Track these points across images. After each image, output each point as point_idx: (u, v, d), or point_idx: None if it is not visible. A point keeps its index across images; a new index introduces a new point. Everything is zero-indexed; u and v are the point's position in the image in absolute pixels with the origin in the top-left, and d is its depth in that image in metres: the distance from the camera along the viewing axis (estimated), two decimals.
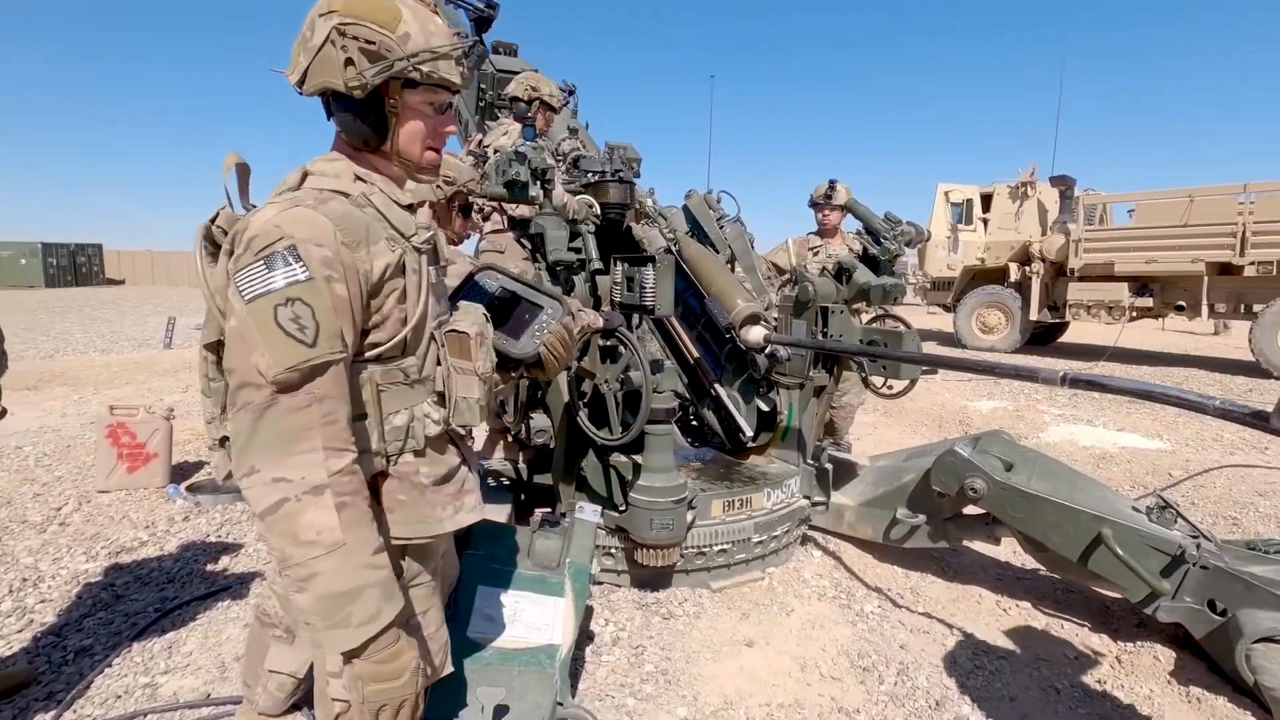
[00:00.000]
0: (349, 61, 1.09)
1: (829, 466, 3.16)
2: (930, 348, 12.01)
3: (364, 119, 1.15)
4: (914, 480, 2.99)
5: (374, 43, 1.09)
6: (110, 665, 2.29)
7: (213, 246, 1.10)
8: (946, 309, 12.65)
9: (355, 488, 1.02)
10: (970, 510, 2.89)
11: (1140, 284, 10.13)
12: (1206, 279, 9.48)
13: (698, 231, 3.74)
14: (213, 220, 1.10)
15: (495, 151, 3.03)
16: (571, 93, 4.24)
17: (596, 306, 2.66)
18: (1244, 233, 9.00)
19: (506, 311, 1.52)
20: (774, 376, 3.17)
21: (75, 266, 29.66)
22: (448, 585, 1.61)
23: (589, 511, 2.02)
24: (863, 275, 3.01)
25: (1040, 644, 2.58)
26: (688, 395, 3.84)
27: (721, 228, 3.64)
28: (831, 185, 3.97)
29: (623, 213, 3.58)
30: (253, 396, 0.98)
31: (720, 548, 2.81)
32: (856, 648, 2.51)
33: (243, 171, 1.13)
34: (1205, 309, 9.69)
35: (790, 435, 3.21)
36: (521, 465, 3.15)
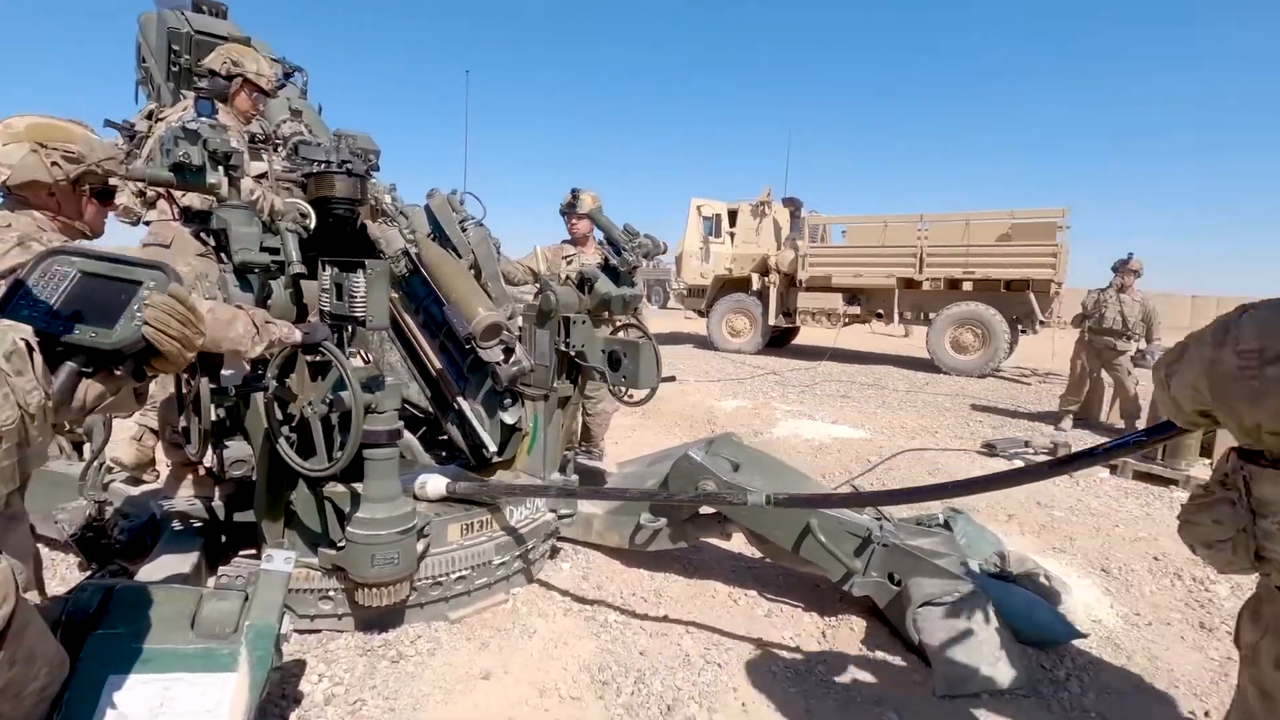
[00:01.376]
0: None
1: (575, 477, 3.13)
2: (687, 350, 12.94)
3: None
4: (655, 485, 3.07)
5: None
6: None
7: None
8: (701, 314, 13.73)
9: None
10: (705, 510, 3.05)
11: (851, 294, 11.91)
12: (897, 291, 11.43)
13: (440, 234, 3.50)
14: None
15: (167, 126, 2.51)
16: (289, 76, 3.72)
17: (302, 317, 2.31)
18: (921, 254, 11.01)
19: (93, 297, 1.20)
20: (519, 388, 3.06)
21: None
22: (42, 688, 1.23)
23: (279, 560, 1.72)
24: (604, 285, 3.03)
25: (763, 629, 2.79)
26: (431, 409, 3.59)
27: (465, 231, 3.44)
28: (574, 194, 3.98)
29: (353, 209, 3.22)
30: None
31: (459, 574, 2.63)
32: (598, 661, 2.49)
33: None
34: (897, 316, 11.70)
35: (536, 448, 3.13)
36: (218, 502, 2.65)
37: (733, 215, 13.41)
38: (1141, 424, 5.98)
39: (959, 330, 10.65)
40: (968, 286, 10.99)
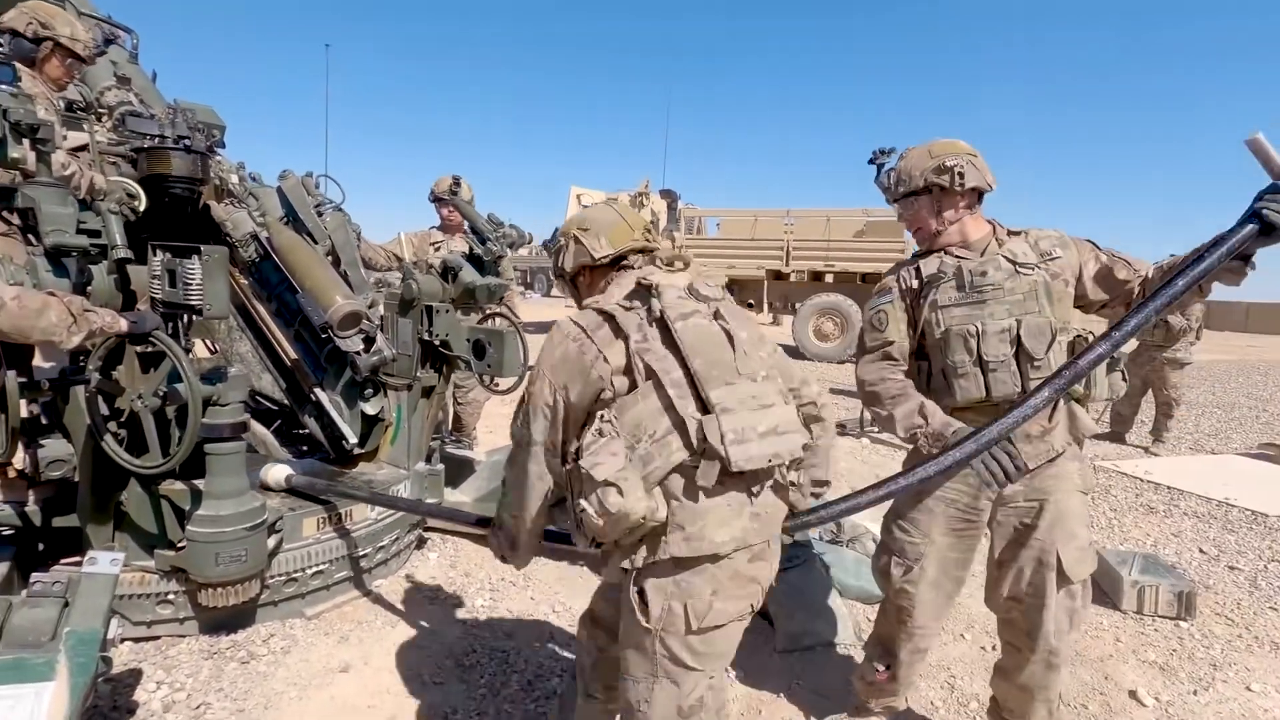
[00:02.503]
0: None
1: (441, 467, 3.12)
2: None
3: None
4: None
5: None
6: None
7: None
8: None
9: None
10: None
11: (725, 285, 12.44)
12: (766, 282, 12.08)
13: (294, 219, 3.34)
14: None
15: None
16: (109, 41, 3.38)
17: (129, 304, 2.15)
18: (788, 248, 11.69)
19: None
20: (381, 378, 3.00)
21: None
22: None
23: (104, 562, 1.62)
24: (468, 275, 3.02)
25: None
26: (287, 401, 3.43)
27: (321, 216, 3.31)
28: (456, 181, 3.93)
29: (192, 189, 3.01)
30: None
31: (316, 569, 2.56)
32: (463, 646, 2.53)
33: None
34: (766, 305, 12.36)
35: (400, 438, 3.09)
36: (33, 507, 2.41)
37: None
38: None
39: (821, 319, 11.43)
40: (829, 279, 11.80)
